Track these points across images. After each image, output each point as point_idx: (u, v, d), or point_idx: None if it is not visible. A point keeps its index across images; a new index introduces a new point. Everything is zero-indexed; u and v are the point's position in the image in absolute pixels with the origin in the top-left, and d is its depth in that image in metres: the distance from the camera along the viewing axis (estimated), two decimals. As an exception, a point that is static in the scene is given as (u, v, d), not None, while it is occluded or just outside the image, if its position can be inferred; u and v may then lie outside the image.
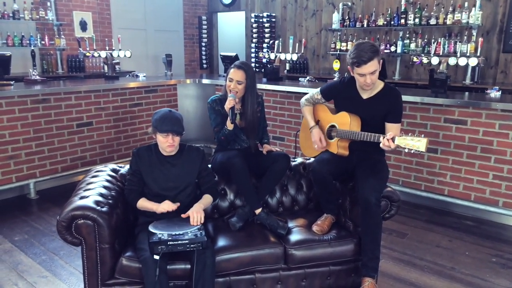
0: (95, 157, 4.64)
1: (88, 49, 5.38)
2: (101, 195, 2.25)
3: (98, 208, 2.12)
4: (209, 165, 2.77)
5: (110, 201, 2.24)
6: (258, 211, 2.56)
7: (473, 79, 5.56)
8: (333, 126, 2.65)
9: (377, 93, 2.49)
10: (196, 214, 2.27)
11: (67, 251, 3.02)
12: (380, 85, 2.50)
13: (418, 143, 2.15)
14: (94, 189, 2.29)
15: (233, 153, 2.60)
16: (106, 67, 5.84)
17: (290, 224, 2.59)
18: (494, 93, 3.98)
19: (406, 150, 2.21)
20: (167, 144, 2.31)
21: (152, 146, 2.44)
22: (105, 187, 2.36)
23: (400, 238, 3.29)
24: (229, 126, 2.67)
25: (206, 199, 2.46)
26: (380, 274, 2.49)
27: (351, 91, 2.53)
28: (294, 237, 2.43)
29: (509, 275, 2.78)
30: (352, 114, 2.53)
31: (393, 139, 2.23)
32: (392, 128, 2.41)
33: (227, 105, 2.63)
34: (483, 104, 3.50)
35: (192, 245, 2.09)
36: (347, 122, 2.52)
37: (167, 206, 2.28)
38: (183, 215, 2.30)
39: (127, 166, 2.68)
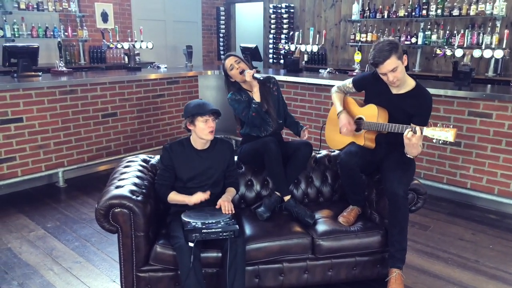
0: (119, 147, 4.74)
1: (111, 40, 5.45)
2: (135, 184, 2.33)
3: (134, 197, 2.20)
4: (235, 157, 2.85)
5: (144, 191, 2.32)
6: (287, 198, 2.62)
7: (496, 71, 5.50)
8: (360, 118, 2.67)
9: (408, 91, 2.49)
10: (227, 203, 2.35)
11: (98, 238, 3.13)
12: (411, 83, 2.50)
13: (447, 133, 2.17)
14: (128, 179, 2.37)
15: (268, 138, 2.67)
16: (127, 58, 5.92)
17: (316, 215, 2.63)
18: (520, 86, 3.94)
19: (434, 141, 2.22)
20: (208, 130, 2.35)
21: (184, 141, 2.50)
22: (138, 177, 2.44)
23: (422, 230, 3.32)
24: (257, 98, 2.74)
25: (231, 192, 2.54)
26: (404, 265, 2.52)
27: (381, 85, 2.54)
28: (321, 227, 2.48)
29: (533, 268, 2.80)
30: (380, 107, 2.55)
31: (421, 129, 2.24)
32: None
33: (249, 75, 2.72)
34: (510, 97, 3.48)
35: (225, 233, 2.16)
36: (374, 114, 2.54)
37: (199, 196, 2.35)
38: (218, 205, 2.37)
39: (157, 157, 2.76)
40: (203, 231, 2.14)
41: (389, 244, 2.43)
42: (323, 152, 3.03)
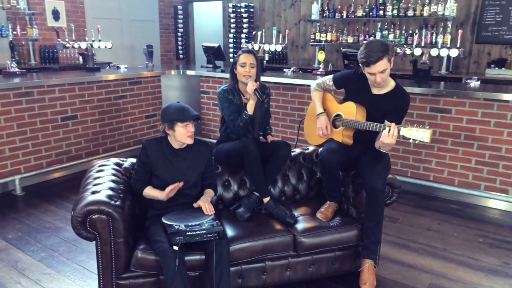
0: (80, 151, 4.53)
1: (67, 39, 5.19)
2: (112, 189, 2.23)
3: (112, 202, 2.10)
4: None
5: (121, 195, 2.23)
6: (267, 199, 2.61)
7: (449, 69, 5.81)
8: (338, 115, 2.71)
9: (388, 92, 2.56)
10: (207, 205, 2.31)
11: (66, 247, 2.96)
12: (391, 83, 2.57)
13: (423, 134, 2.25)
14: (103, 184, 2.26)
15: (248, 140, 2.63)
16: (81, 58, 5.65)
17: (295, 213, 2.65)
18: (474, 83, 4.19)
19: (411, 141, 2.29)
20: (188, 134, 2.30)
21: (162, 139, 2.42)
22: (113, 181, 2.34)
23: (392, 223, 3.44)
24: (250, 110, 2.68)
25: (210, 193, 2.51)
26: (379, 257, 2.60)
27: (362, 84, 2.59)
28: (302, 225, 2.50)
29: (496, 253, 2.97)
30: (358, 105, 2.59)
31: (398, 129, 2.31)
32: None
33: (251, 87, 2.64)
34: (467, 94, 3.68)
35: (209, 235, 2.12)
36: (353, 112, 2.59)
37: (170, 188, 2.28)
38: (194, 204, 2.32)
39: (130, 160, 2.66)
40: (187, 233, 2.08)
41: (364, 237, 2.49)
42: (298, 150, 3.06)
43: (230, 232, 2.39)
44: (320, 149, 2.70)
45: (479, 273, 2.73)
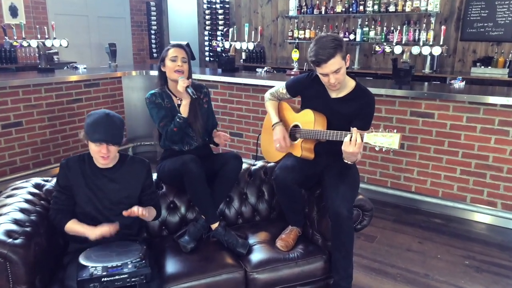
0: (27, 162, 4.07)
1: (15, 37, 4.70)
2: (16, 222, 1.80)
3: (9, 240, 1.68)
4: (155, 174, 2.40)
5: (28, 229, 1.80)
6: (215, 225, 2.21)
7: (433, 68, 5.47)
8: (296, 126, 2.33)
9: (348, 93, 2.18)
10: (140, 209, 1.93)
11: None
12: (351, 84, 2.20)
13: (390, 139, 1.87)
14: (6, 215, 1.83)
15: (187, 157, 2.21)
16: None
17: (251, 239, 2.27)
18: (458, 84, 3.83)
19: (377, 148, 1.92)
20: (100, 155, 1.90)
21: (85, 156, 2.02)
22: (22, 210, 1.90)
23: (369, 242, 3.07)
24: (184, 112, 2.30)
25: (151, 210, 2.09)
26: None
27: (318, 88, 2.21)
28: (256, 256, 2.11)
29: (484, 279, 2.62)
30: (317, 112, 2.22)
31: (361, 136, 1.93)
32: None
33: (182, 85, 2.27)
34: (450, 96, 3.33)
35: (133, 279, 1.71)
36: (311, 120, 2.21)
37: (105, 229, 1.88)
38: (124, 212, 1.92)
39: (55, 180, 2.23)
40: (104, 279, 1.67)
41: (333, 271, 2.11)
42: (259, 164, 2.66)
43: (169, 268, 1.99)
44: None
45: (464, 305, 2.37)
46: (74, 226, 1.92)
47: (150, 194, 2.12)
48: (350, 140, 1.92)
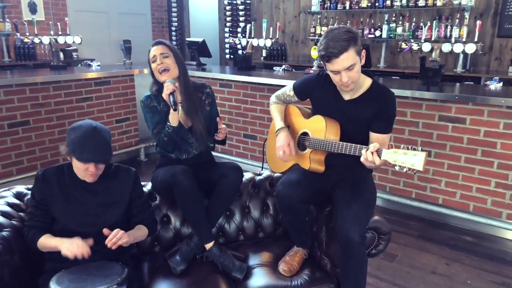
0: (34, 162, 3.97)
1: (27, 34, 4.61)
2: (-17, 238, 1.62)
3: (-30, 262, 1.50)
4: (150, 183, 2.19)
5: (-2, 246, 1.62)
6: (209, 245, 1.98)
7: (465, 67, 5.05)
8: (305, 133, 2.06)
9: (363, 93, 1.90)
10: (120, 233, 1.67)
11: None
12: (366, 82, 1.91)
13: (414, 159, 1.57)
14: (-26, 230, 1.66)
15: (178, 168, 1.98)
16: (62, 55, 5.13)
17: (252, 260, 2.02)
18: (495, 85, 3.44)
19: (397, 168, 1.63)
20: (87, 173, 1.73)
21: (65, 167, 1.83)
22: (-5, 224, 1.73)
23: (388, 261, 2.76)
24: (173, 120, 2.05)
25: (139, 231, 1.87)
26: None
27: (329, 89, 1.94)
28: (255, 282, 1.86)
29: (521, 312, 2.28)
30: (329, 119, 1.94)
31: (378, 153, 1.65)
32: (377, 140, 1.81)
33: (166, 91, 2.03)
34: (485, 99, 2.96)
35: (107, 309, 1.50)
36: (322, 128, 1.93)
37: (76, 248, 1.65)
38: (104, 230, 1.68)
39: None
40: (72, 310, 1.46)
41: (342, 302, 1.83)
42: (265, 173, 2.41)
43: (154, 293, 1.77)
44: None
45: None
46: (46, 241, 1.72)
47: (140, 205, 1.91)
48: (367, 157, 1.65)
